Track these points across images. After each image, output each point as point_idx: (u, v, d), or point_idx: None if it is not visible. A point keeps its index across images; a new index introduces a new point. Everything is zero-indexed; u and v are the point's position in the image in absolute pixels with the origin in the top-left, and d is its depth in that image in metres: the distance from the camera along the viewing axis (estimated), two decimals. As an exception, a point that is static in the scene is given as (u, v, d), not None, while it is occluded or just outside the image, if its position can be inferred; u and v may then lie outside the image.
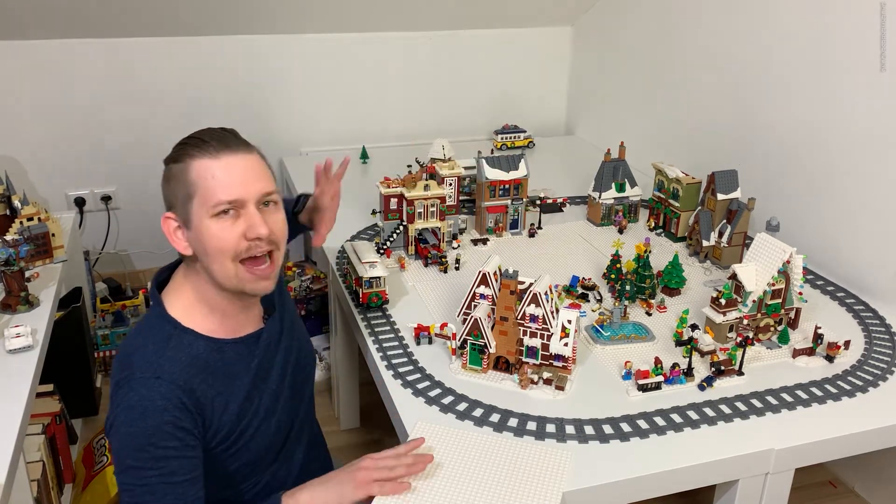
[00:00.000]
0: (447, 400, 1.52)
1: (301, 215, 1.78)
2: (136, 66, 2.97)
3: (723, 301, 1.70)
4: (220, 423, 1.29)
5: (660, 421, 1.48)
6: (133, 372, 1.22)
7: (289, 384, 1.42)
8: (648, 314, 1.87)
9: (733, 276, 1.73)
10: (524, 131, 3.27)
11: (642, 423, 1.46)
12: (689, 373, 1.60)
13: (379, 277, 1.82)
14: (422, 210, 2.08)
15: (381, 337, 1.75)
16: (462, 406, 1.50)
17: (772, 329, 1.75)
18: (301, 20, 3.03)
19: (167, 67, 3.01)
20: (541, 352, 1.59)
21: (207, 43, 3.02)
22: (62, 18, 2.73)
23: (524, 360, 1.60)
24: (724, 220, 2.10)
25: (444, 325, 1.71)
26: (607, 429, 1.45)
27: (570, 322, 1.56)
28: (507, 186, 2.24)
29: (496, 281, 1.63)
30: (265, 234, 1.25)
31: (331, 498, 1.28)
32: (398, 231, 2.13)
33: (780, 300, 1.74)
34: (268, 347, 1.38)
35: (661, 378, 1.57)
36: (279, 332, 1.42)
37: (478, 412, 1.48)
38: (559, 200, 2.52)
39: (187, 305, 1.31)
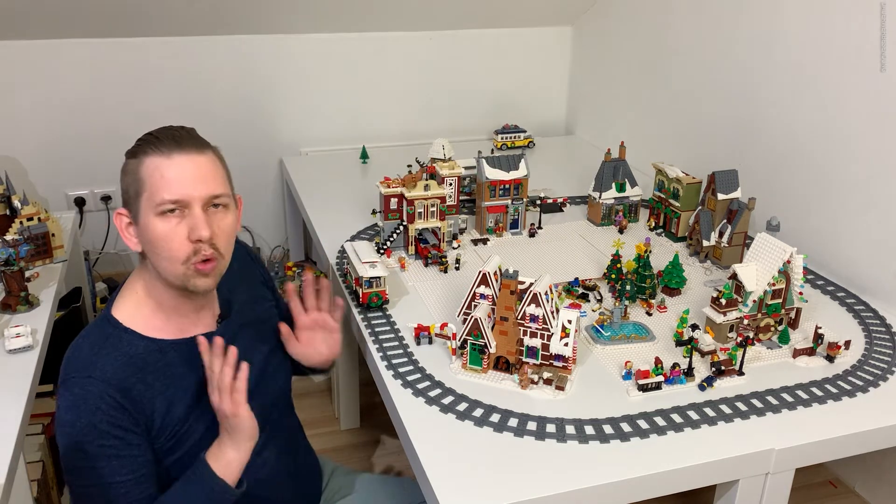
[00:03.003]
0: (447, 400, 1.52)
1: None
2: (136, 66, 2.97)
3: (723, 301, 1.70)
4: (163, 424, 1.29)
5: (660, 421, 1.47)
6: (69, 373, 1.24)
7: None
8: (649, 314, 1.87)
9: (734, 276, 1.73)
10: (524, 131, 3.27)
11: (642, 423, 1.46)
12: (689, 373, 1.60)
13: (379, 277, 1.82)
14: (422, 210, 2.08)
15: (381, 337, 1.74)
16: (462, 406, 1.50)
17: (772, 329, 1.75)
18: (301, 20, 3.03)
19: (167, 67, 3.01)
20: (541, 352, 1.59)
21: (207, 43, 3.02)
22: (62, 18, 2.73)
23: (524, 360, 1.60)
24: (725, 220, 2.10)
25: (444, 325, 1.71)
26: (607, 429, 1.45)
27: (570, 322, 1.56)
28: (507, 186, 2.24)
29: (496, 281, 1.63)
30: (206, 237, 1.25)
31: (244, 448, 1.32)
32: (398, 231, 2.13)
33: (780, 300, 1.74)
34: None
35: (661, 378, 1.56)
36: (231, 338, 1.38)
37: (478, 412, 1.48)
38: (559, 200, 2.52)
39: (135, 303, 1.32)
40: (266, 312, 1.55)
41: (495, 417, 1.47)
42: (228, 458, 1.30)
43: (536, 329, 1.57)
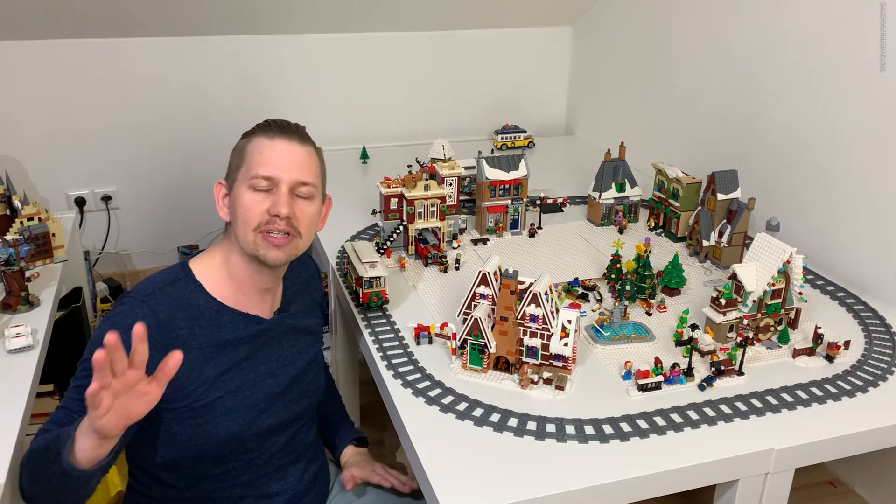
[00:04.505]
0: (447, 400, 1.52)
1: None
2: (137, 66, 2.97)
3: (723, 301, 1.70)
4: (187, 380, 1.31)
5: (660, 421, 1.48)
6: (132, 292, 1.36)
7: (278, 392, 1.45)
8: (648, 314, 1.87)
9: (733, 276, 1.73)
10: (524, 131, 3.27)
11: (642, 423, 1.46)
12: (689, 373, 1.60)
13: (379, 277, 1.82)
14: (422, 210, 2.08)
15: (381, 337, 1.74)
16: (462, 406, 1.50)
17: (772, 329, 1.75)
18: (301, 20, 3.03)
19: (167, 67, 3.01)
20: (541, 352, 1.59)
21: (207, 43, 3.02)
22: (62, 18, 2.73)
23: (524, 359, 1.60)
24: (725, 220, 2.10)
25: (444, 325, 1.71)
26: (607, 429, 1.45)
27: (570, 322, 1.56)
28: (507, 186, 2.24)
29: (496, 281, 1.63)
30: (284, 214, 1.34)
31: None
32: (398, 231, 2.13)
33: (780, 300, 1.74)
34: (264, 337, 1.43)
35: (661, 378, 1.57)
36: (282, 334, 1.46)
37: (478, 412, 1.48)
38: (559, 200, 2.52)
39: (211, 266, 1.41)
40: (315, 327, 1.61)
41: (495, 417, 1.47)
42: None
43: (536, 329, 1.57)
